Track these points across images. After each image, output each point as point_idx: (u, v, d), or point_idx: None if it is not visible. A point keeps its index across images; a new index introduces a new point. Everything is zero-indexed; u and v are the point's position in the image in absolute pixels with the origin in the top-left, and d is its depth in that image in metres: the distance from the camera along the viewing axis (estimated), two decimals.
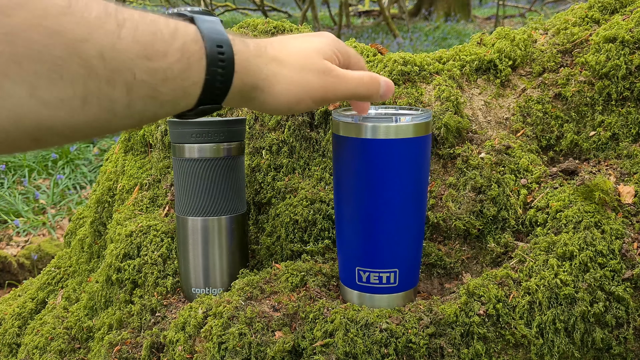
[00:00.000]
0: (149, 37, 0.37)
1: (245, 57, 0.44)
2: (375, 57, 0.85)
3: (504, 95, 0.80)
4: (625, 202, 0.63)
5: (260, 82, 0.46)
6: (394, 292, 0.59)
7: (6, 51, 0.30)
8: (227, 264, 0.70)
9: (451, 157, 0.75)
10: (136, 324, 0.70)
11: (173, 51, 0.38)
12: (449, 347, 0.56)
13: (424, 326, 0.56)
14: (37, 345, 0.81)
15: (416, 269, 0.62)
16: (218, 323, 0.58)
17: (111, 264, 0.76)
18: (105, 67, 0.34)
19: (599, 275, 0.57)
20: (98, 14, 0.34)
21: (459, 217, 0.70)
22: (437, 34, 7.18)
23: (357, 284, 0.60)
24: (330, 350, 0.55)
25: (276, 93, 0.48)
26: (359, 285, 0.60)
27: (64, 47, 0.32)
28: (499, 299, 0.58)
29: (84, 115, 0.34)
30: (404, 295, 0.60)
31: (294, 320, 0.59)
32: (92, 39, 0.33)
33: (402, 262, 0.59)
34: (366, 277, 0.59)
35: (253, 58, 0.46)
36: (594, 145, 0.74)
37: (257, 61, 0.46)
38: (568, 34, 0.81)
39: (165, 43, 0.38)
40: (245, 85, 0.45)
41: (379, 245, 0.58)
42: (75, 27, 0.32)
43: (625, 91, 0.72)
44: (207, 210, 0.68)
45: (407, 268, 0.60)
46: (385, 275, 0.58)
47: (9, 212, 2.63)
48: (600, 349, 0.57)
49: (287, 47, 0.50)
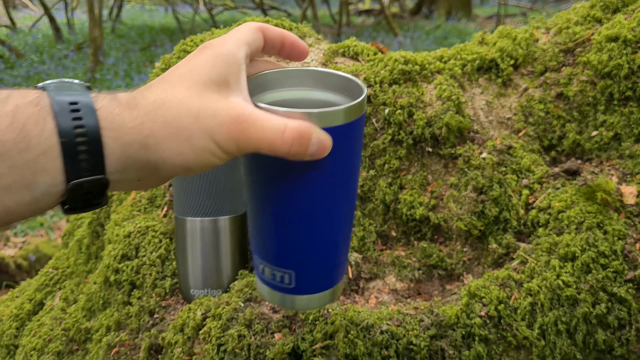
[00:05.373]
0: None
1: (112, 112, 0.35)
2: (376, 56, 0.85)
3: (505, 94, 0.80)
4: (627, 202, 0.63)
5: (148, 140, 0.36)
6: (293, 294, 0.48)
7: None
8: (226, 265, 0.69)
9: (452, 157, 0.74)
10: (134, 326, 0.70)
11: (1, 118, 0.31)
12: (450, 349, 0.55)
13: (425, 328, 0.56)
14: (35, 347, 0.80)
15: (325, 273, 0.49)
16: (217, 325, 0.58)
17: (109, 265, 0.76)
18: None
19: (601, 276, 0.57)
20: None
21: (461, 218, 0.69)
22: (438, 33, 7.18)
23: (260, 276, 0.50)
24: (330, 352, 0.55)
25: (177, 149, 0.36)
26: (261, 277, 0.49)
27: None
28: (500, 300, 0.57)
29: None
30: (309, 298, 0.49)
31: (294, 322, 0.58)
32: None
33: (298, 266, 0.47)
34: (261, 269, 0.48)
35: (125, 112, 0.35)
36: (596, 145, 0.73)
37: (132, 116, 0.35)
38: (570, 33, 0.80)
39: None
40: (130, 147, 0.35)
41: (268, 243, 0.47)
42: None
43: (628, 91, 0.72)
44: (205, 211, 0.67)
45: (308, 272, 0.48)
46: (279, 275, 0.47)
47: None
48: (602, 351, 0.57)
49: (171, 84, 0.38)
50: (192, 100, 0.37)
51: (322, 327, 0.56)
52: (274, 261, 0.47)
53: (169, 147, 0.36)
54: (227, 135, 0.37)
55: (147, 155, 0.36)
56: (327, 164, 0.41)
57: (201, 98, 0.37)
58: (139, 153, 0.36)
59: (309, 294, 0.48)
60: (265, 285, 0.49)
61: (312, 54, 0.88)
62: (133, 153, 0.35)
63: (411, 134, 0.76)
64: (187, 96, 0.37)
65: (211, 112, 0.37)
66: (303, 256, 0.46)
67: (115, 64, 6.07)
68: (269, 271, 0.47)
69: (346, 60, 0.86)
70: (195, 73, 0.38)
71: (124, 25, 9.47)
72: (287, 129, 0.37)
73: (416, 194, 0.74)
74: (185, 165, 0.37)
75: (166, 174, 0.38)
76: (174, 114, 0.36)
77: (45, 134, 0.32)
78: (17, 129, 0.31)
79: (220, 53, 0.39)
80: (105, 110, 0.35)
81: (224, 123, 0.37)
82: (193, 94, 0.37)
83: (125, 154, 0.35)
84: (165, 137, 0.36)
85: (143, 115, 0.36)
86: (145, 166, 0.37)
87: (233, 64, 0.39)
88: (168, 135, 0.36)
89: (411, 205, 0.72)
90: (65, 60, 6.43)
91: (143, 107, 0.36)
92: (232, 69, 0.39)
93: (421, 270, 0.69)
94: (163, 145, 0.36)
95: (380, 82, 0.79)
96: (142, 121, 0.36)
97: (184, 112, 0.36)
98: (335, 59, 0.86)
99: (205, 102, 0.37)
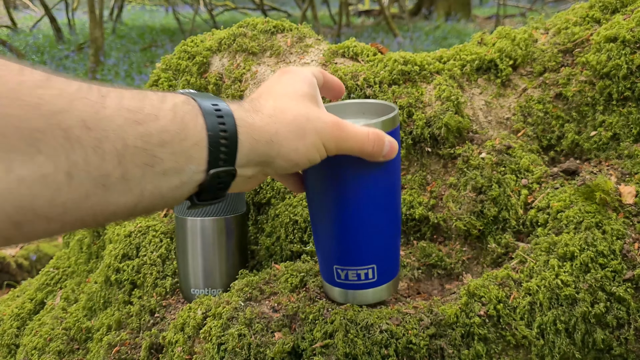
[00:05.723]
0: (137, 104, 0.35)
1: (244, 114, 0.42)
2: (376, 56, 0.85)
3: (504, 95, 0.80)
4: (626, 202, 0.63)
5: (273, 137, 0.43)
6: (374, 287, 0.59)
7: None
8: (227, 264, 0.70)
9: (452, 157, 0.74)
10: (135, 325, 0.70)
11: (165, 112, 0.36)
12: (449, 348, 0.55)
13: (425, 327, 0.56)
14: (36, 346, 0.80)
15: (395, 261, 0.60)
16: (217, 324, 0.58)
17: (110, 264, 0.76)
18: (90, 136, 0.32)
19: (600, 275, 0.57)
20: (79, 87, 0.32)
21: (460, 218, 0.69)
22: (438, 34, 7.18)
23: (337, 281, 0.59)
24: (330, 351, 0.55)
25: (293, 146, 0.45)
26: (339, 282, 0.59)
27: (42, 119, 0.30)
28: (499, 299, 0.58)
29: (72, 191, 0.31)
30: (386, 288, 0.59)
31: (294, 321, 0.58)
32: (72, 109, 0.31)
33: (379, 258, 0.58)
34: (344, 274, 0.58)
35: (253, 114, 0.43)
36: (595, 145, 0.73)
37: (259, 117, 0.43)
38: (569, 34, 0.80)
39: (154, 107, 0.36)
40: (257, 142, 0.42)
41: (353, 246, 0.56)
42: (53, 99, 0.30)
43: (626, 91, 0.72)
44: (206, 210, 0.68)
45: (385, 262, 0.58)
46: (364, 272, 0.57)
47: None
48: (601, 350, 0.57)
49: (280, 96, 0.47)
50: (300, 107, 0.46)
51: (321, 326, 0.56)
52: (358, 262, 0.56)
53: (288, 144, 0.44)
54: (330, 135, 0.46)
55: (268, 150, 0.43)
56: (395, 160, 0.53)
57: (305, 106, 0.46)
58: (264, 148, 0.43)
59: (386, 283, 0.59)
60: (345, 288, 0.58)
61: (312, 54, 0.88)
62: (258, 148, 0.43)
63: (410, 134, 0.76)
64: (295, 104, 0.46)
65: (317, 116, 0.46)
66: (381, 248, 0.57)
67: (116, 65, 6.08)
68: (352, 273, 0.57)
69: (346, 61, 0.86)
70: (291, 88, 0.48)
71: (125, 25, 9.48)
72: (370, 133, 0.49)
73: (415, 193, 0.74)
74: (295, 161, 0.45)
75: (276, 169, 0.46)
76: (293, 117, 0.45)
77: (198, 128, 0.38)
78: (178, 122, 0.37)
79: (304, 76, 0.49)
80: (238, 113, 0.41)
81: (328, 126, 0.46)
82: (299, 103, 0.46)
83: (252, 148, 0.42)
84: (286, 135, 0.44)
85: (267, 117, 0.44)
86: (263, 161, 0.44)
87: (313, 86, 0.50)
88: (289, 133, 0.44)
89: (410, 205, 0.73)
90: (66, 60, 6.43)
91: (266, 112, 0.44)
92: (314, 89, 0.49)
93: (420, 269, 0.69)
94: (284, 142, 0.44)
95: (380, 83, 0.79)
96: (268, 122, 0.43)
97: (299, 115, 0.45)
98: (335, 59, 0.86)
99: (309, 109, 0.46)
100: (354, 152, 0.49)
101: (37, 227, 0.31)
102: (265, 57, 0.89)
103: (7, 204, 0.29)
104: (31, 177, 0.30)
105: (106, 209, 0.34)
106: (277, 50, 0.89)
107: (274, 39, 0.91)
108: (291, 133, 0.44)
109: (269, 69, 0.87)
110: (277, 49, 0.89)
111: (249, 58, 0.89)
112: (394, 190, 0.57)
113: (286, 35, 0.92)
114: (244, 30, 0.93)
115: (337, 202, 0.55)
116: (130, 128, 0.34)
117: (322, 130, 0.46)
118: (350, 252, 0.57)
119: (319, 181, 0.55)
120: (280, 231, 0.73)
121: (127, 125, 0.34)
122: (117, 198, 0.34)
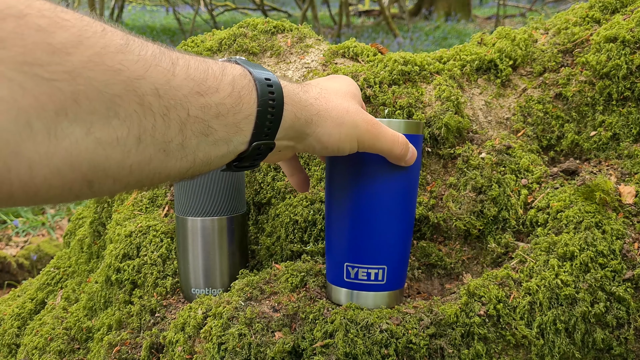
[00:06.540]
0: (201, 74, 0.37)
1: (292, 91, 0.44)
2: (376, 56, 0.85)
3: (504, 95, 0.80)
4: (626, 202, 0.63)
5: (314, 117, 0.46)
6: (381, 290, 0.60)
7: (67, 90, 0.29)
8: (227, 264, 0.70)
9: (452, 157, 0.74)
10: (136, 325, 0.70)
11: (224, 86, 0.38)
12: (449, 347, 0.55)
13: (425, 327, 0.56)
14: (37, 346, 0.81)
15: (404, 269, 0.62)
16: (218, 324, 0.58)
17: (110, 264, 0.76)
18: (160, 104, 0.33)
19: (600, 275, 0.57)
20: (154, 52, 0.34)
21: (460, 218, 0.69)
22: (438, 34, 7.18)
23: (345, 280, 0.60)
24: (330, 351, 0.55)
25: (329, 130, 0.47)
26: (347, 282, 0.59)
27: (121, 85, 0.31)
28: (499, 299, 0.58)
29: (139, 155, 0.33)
30: (391, 295, 0.60)
31: (294, 321, 0.58)
32: (148, 76, 0.33)
33: (390, 259, 0.59)
34: (354, 273, 0.59)
35: (301, 93, 0.46)
36: (594, 145, 0.73)
37: (306, 96, 0.46)
38: (569, 34, 0.80)
39: (216, 79, 0.38)
40: (298, 120, 0.45)
41: (368, 240, 0.58)
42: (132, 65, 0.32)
43: (626, 91, 0.72)
44: (206, 210, 0.68)
45: (395, 266, 0.60)
46: (374, 272, 0.59)
47: (8, 212, 2.63)
48: (601, 350, 0.57)
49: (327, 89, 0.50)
50: (343, 101, 0.50)
51: (322, 326, 0.56)
52: (370, 259, 0.58)
53: (326, 127, 0.47)
54: (366, 131, 0.50)
55: (305, 128, 0.46)
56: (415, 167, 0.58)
57: (348, 101, 0.50)
58: (302, 126, 0.45)
59: (392, 291, 0.60)
60: (351, 289, 0.60)
61: (312, 54, 0.88)
62: (297, 125, 0.45)
63: None
64: (339, 98, 0.50)
65: (357, 111, 0.50)
66: (393, 250, 0.59)
67: None
68: (363, 272, 0.59)
69: (346, 61, 0.86)
70: (337, 85, 0.53)
71: (125, 25, 9.47)
72: (399, 137, 0.53)
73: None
74: (326, 144, 0.48)
75: (305, 146, 0.48)
76: (335, 105, 0.48)
77: (250, 103, 0.40)
78: (235, 96, 0.39)
79: (351, 81, 0.55)
80: (288, 89, 0.43)
81: (366, 122, 0.50)
82: (343, 98, 0.50)
83: (292, 124, 0.44)
84: (326, 119, 0.47)
85: (313, 98, 0.47)
86: (298, 137, 0.46)
87: (358, 89, 0.55)
88: (328, 117, 0.47)
89: None
90: None
91: (312, 94, 0.47)
92: (359, 92, 0.55)
93: (420, 269, 0.69)
94: (322, 124, 0.47)
95: (380, 83, 0.79)
96: (312, 103, 0.46)
97: (341, 106, 0.49)
98: (335, 59, 0.87)
99: (351, 105, 0.50)
100: (383, 151, 0.53)
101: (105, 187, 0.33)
102: (266, 57, 0.89)
103: (84, 163, 0.31)
104: (107, 140, 0.31)
105: (163, 172, 0.36)
106: (278, 50, 0.89)
107: (275, 39, 0.91)
108: (330, 118, 0.47)
109: (269, 69, 0.87)
110: (278, 49, 0.89)
111: (250, 58, 0.89)
112: (410, 197, 0.60)
113: (286, 35, 0.92)
114: (244, 31, 0.93)
115: (358, 197, 0.57)
116: (194, 98, 0.36)
117: (359, 125, 0.49)
118: (364, 249, 0.58)
119: (342, 175, 0.58)
120: (281, 231, 0.74)
121: (191, 95, 0.35)
122: (174, 163, 0.36)
